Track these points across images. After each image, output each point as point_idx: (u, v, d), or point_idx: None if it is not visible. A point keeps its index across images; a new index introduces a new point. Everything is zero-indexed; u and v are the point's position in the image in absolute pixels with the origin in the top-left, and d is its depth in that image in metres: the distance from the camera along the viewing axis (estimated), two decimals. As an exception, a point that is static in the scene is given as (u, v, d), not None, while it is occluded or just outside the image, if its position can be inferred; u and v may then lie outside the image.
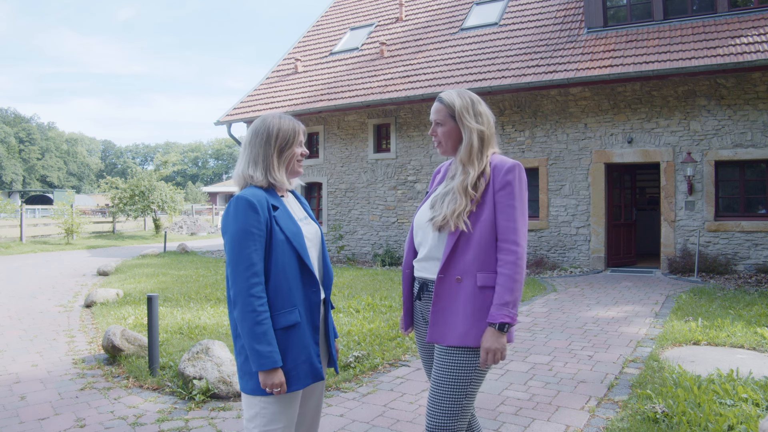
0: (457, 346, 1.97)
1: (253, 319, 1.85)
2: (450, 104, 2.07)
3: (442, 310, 2.01)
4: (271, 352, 1.85)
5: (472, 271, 1.97)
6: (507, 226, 1.96)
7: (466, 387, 1.96)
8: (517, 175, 2.00)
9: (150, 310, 4.44)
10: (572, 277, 9.80)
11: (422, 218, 2.13)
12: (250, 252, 1.89)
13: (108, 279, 10.20)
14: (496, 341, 1.92)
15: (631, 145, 10.23)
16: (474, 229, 1.98)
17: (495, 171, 2.02)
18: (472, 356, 1.97)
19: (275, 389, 1.87)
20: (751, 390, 3.63)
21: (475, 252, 1.97)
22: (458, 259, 1.99)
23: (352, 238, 13.38)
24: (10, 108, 77.80)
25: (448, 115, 2.07)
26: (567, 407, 3.65)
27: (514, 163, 2.02)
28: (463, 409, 1.97)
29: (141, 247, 17.98)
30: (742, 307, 6.55)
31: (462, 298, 1.98)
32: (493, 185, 2.00)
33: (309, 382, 1.98)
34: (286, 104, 13.66)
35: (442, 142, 2.11)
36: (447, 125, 2.08)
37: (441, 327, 2.01)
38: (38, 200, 50.24)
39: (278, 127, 2.04)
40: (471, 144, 2.04)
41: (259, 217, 1.91)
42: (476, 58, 11.93)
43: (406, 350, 5.02)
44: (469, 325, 1.96)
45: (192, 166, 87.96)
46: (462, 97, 2.08)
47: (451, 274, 2.00)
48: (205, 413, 3.65)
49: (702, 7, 10.57)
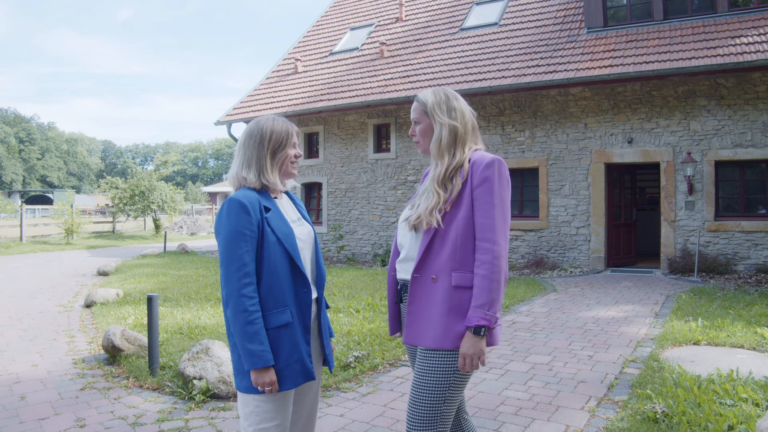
0: (434, 349, 1.90)
1: (244, 319, 1.88)
2: (424, 101, 2.05)
3: (417, 311, 1.95)
4: (263, 351, 1.88)
5: (447, 270, 1.90)
6: (485, 224, 1.88)
7: (444, 391, 1.88)
8: (497, 170, 1.92)
9: (150, 310, 4.44)
10: (572, 277, 9.80)
11: (402, 219, 2.11)
12: (241, 253, 1.92)
13: (108, 279, 10.20)
14: (472, 346, 1.84)
15: (631, 145, 10.23)
16: (450, 227, 1.91)
17: (474, 167, 1.95)
18: (449, 359, 1.89)
19: (267, 387, 1.89)
20: (751, 390, 3.63)
21: (451, 251, 1.90)
22: (433, 259, 1.93)
23: (352, 238, 13.38)
24: (10, 108, 77.90)
25: (423, 112, 2.06)
26: (567, 407, 3.65)
27: (494, 158, 1.94)
28: (443, 414, 1.89)
29: (141, 247, 17.98)
30: (742, 307, 6.55)
31: (437, 299, 1.91)
32: (471, 182, 1.93)
33: (300, 382, 1.99)
34: (286, 104, 13.67)
35: (420, 141, 2.10)
36: (423, 123, 2.07)
37: (416, 328, 1.95)
38: (38, 200, 50.24)
39: (271, 129, 2.07)
40: (440, 138, 2.00)
41: (251, 219, 1.94)
42: (476, 58, 11.93)
43: (405, 350, 5.02)
44: (444, 326, 1.88)
45: (192, 166, 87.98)
46: (436, 93, 2.05)
47: (425, 274, 1.94)
48: (205, 413, 3.65)
49: (702, 7, 10.57)
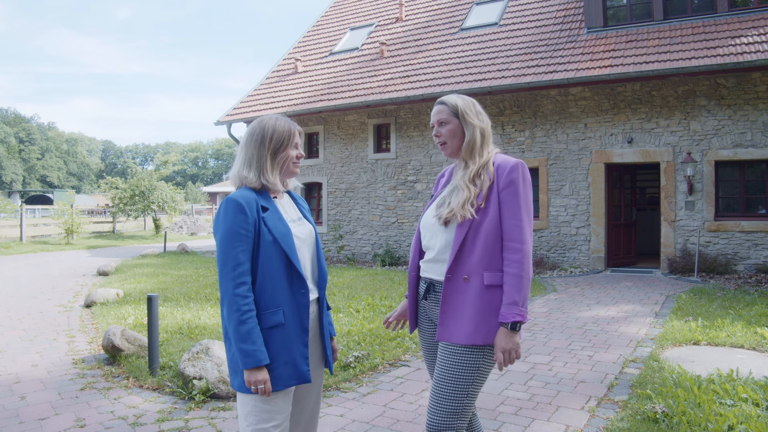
0: (464, 345, 1.99)
1: (237, 318, 1.89)
2: (453, 105, 2.14)
3: (450, 310, 2.04)
4: (255, 351, 1.88)
5: (479, 270, 2.00)
6: (512, 225, 1.99)
7: (468, 386, 1.98)
8: (521, 173, 2.03)
9: (150, 310, 4.44)
10: (572, 277, 9.80)
11: (429, 219, 2.16)
12: (237, 252, 1.92)
13: (108, 279, 10.20)
14: (510, 341, 1.95)
15: (631, 145, 10.23)
16: (480, 228, 2.00)
17: (499, 170, 2.05)
18: (477, 355, 1.99)
19: (259, 386, 1.90)
20: (751, 390, 3.63)
21: (482, 251, 2.00)
22: (465, 259, 2.01)
23: (352, 238, 13.38)
24: (10, 108, 77.93)
25: (452, 113, 2.14)
26: (567, 407, 3.65)
27: (518, 162, 2.05)
28: (465, 408, 1.98)
29: (141, 247, 17.98)
30: (742, 307, 6.55)
31: (469, 298, 2.00)
32: (497, 184, 2.03)
33: (292, 384, 1.99)
34: (286, 104, 13.66)
35: (447, 142, 2.15)
36: (451, 123, 2.13)
37: (449, 326, 2.03)
38: (38, 200, 50.24)
39: (273, 128, 2.07)
40: (474, 140, 2.11)
41: (248, 219, 1.95)
42: (476, 58, 11.93)
43: (406, 350, 5.02)
44: (476, 324, 1.98)
45: (192, 166, 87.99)
46: (463, 98, 2.18)
47: (458, 274, 2.02)
48: (205, 413, 3.66)
49: (702, 7, 10.57)
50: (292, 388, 2.02)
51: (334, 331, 2.33)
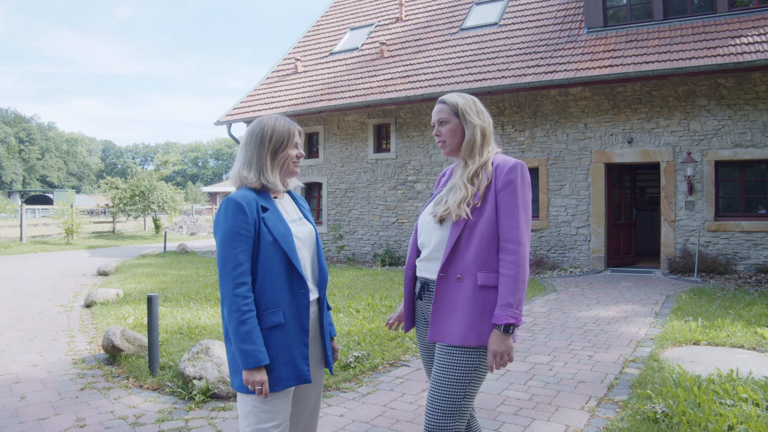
0: (458, 346, 1.97)
1: (237, 318, 1.89)
2: (453, 104, 2.13)
3: (442, 309, 2.02)
4: (254, 351, 1.88)
5: (473, 270, 1.97)
6: (509, 226, 1.96)
7: (465, 387, 1.96)
8: (519, 174, 2.00)
9: (150, 310, 4.44)
10: (572, 277, 9.80)
11: (425, 217, 2.16)
12: (237, 252, 1.92)
13: (108, 279, 10.20)
14: (502, 343, 1.92)
15: (631, 145, 10.23)
16: (475, 228, 1.98)
17: (497, 170, 2.03)
18: (472, 356, 1.97)
19: (257, 387, 1.90)
20: (751, 390, 3.63)
21: (476, 251, 1.97)
22: (459, 258, 1.99)
23: (352, 238, 13.38)
24: (10, 108, 77.92)
25: (452, 113, 2.12)
26: (567, 407, 3.65)
27: (517, 162, 2.03)
28: (462, 409, 1.96)
29: (141, 247, 17.98)
30: (742, 307, 6.55)
31: (462, 298, 1.98)
32: (495, 184, 2.01)
33: (291, 384, 1.99)
34: (286, 104, 13.66)
35: (447, 141, 2.14)
36: (452, 122, 2.12)
37: (441, 326, 2.01)
38: (38, 200, 50.23)
39: (273, 128, 2.07)
40: (474, 139, 2.09)
41: (248, 219, 1.95)
42: (476, 58, 11.93)
43: (406, 350, 5.02)
44: (469, 324, 1.95)
45: (192, 166, 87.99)
46: (463, 97, 2.16)
47: (451, 273, 2.00)
48: (205, 413, 3.65)
49: (702, 7, 10.57)
50: (292, 388, 2.02)
51: (335, 332, 2.33)
